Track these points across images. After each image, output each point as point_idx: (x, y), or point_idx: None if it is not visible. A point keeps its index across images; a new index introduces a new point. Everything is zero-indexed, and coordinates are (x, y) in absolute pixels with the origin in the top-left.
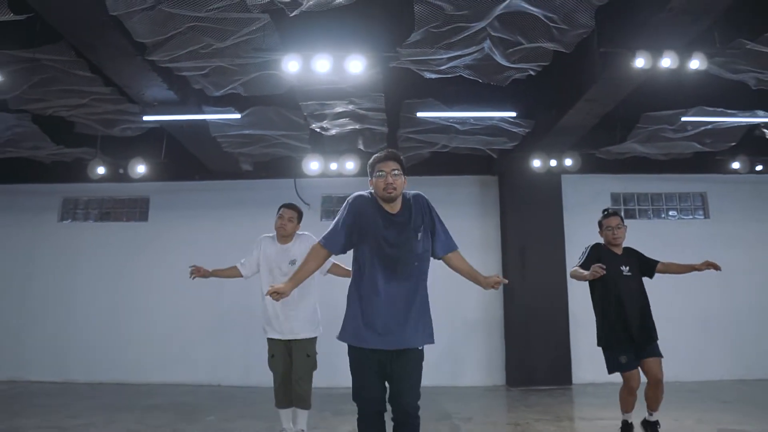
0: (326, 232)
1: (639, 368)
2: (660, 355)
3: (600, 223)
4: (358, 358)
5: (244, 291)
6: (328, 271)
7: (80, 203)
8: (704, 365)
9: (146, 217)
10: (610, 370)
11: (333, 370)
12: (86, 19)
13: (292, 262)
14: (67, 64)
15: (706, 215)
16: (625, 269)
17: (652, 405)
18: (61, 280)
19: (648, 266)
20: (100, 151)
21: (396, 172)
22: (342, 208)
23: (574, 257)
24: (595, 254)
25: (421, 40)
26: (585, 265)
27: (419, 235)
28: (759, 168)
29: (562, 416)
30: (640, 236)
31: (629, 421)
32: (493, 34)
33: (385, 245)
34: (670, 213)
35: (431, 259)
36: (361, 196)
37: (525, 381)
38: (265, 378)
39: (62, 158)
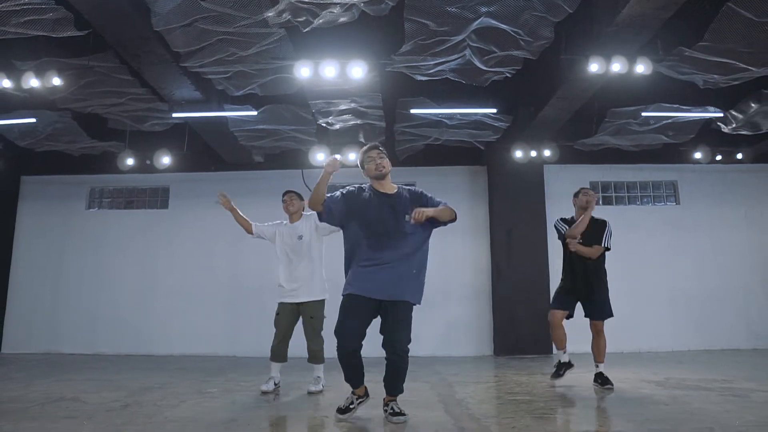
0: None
1: (563, 313)
2: (601, 319)
3: (577, 192)
4: (348, 302)
5: (258, 270)
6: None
7: (106, 193)
8: (673, 338)
9: (167, 205)
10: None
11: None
12: (134, 34)
13: (300, 237)
14: (111, 69)
15: (677, 202)
16: (578, 238)
17: (598, 357)
18: (89, 262)
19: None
20: (128, 144)
21: (382, 154)
22: (342, 189)
23: (554, 239)
24: (563, 226)
25: (411, 50)
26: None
27: (407, 217)
28: (719, 158)
29: (536, 372)
30: (616, 221)
31: (563, 361)
32: (471, 44)
33: (373, 222)
34: (645, 200)
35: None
36: (357, 186)
37: (510, 350)
38: None
39: (91, 151)
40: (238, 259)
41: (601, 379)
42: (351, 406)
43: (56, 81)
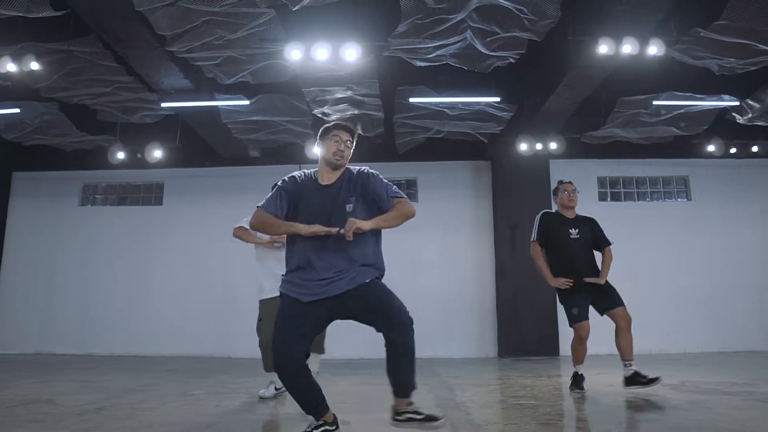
0: (264, 200)
1: (588, 321)
2: (621, 304)
3: (556, 189)
4: (284, 309)
5: (252, 270)
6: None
7: (99, 189)
8: (685, 339)
9: (161, 201)
10: (569, 323)
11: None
12: (115, 14)
13: None
14: (95, 55)
15: (689, 198)
16: (573, 232)
17: (626, 353)
18: (82, 261)
19: (597, 241)
20: (119, 137)
21: (349, 143)
22: (277, 184)
23: None
24: (544, 223)
25: (408, 30)
26: (539, 237)
27: (349, 207)
28: (733, 150)
29: (542, 375)
30: (625, 218)
31: (579, 372)
32: (472, 24)
33: (316, 215)
34: (654, 196)
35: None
36: (294, 173)
37: (515, 352)
38: None
39: (83, 146)
40: (234, 258)
41: (644, 378)
42: None
43: (34, 66)
